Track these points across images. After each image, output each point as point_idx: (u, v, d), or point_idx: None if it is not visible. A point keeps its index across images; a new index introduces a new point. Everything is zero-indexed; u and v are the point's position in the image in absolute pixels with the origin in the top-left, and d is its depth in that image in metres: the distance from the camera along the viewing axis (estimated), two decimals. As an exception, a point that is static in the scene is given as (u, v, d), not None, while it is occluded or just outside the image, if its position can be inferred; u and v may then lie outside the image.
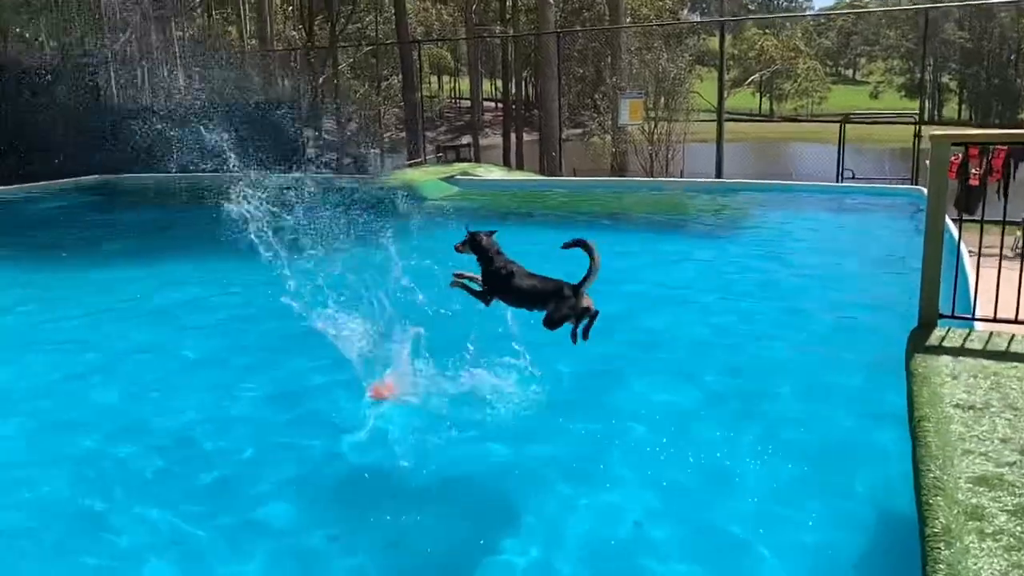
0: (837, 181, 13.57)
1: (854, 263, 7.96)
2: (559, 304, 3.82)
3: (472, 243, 3.98)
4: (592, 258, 3.79)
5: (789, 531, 3.37)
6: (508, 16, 41.41)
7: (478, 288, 4.05)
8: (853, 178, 13.75)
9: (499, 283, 3.94)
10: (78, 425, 4.50)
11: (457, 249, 4.04)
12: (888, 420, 4.18)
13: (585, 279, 3.81)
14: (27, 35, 34.88)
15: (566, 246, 3.83)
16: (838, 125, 14.87)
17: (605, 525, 3.47)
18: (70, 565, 3.27)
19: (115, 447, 4.20)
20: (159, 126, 18.09)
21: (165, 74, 30.69)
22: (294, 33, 41.61)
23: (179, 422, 4.48)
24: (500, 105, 52.11)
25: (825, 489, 3.69)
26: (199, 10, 42.46)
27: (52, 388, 5.09)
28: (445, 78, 73.84)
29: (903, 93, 64.84)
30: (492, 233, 4.07)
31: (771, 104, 67.19)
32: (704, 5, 65.90)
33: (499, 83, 50.67)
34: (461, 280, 4.09)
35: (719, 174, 14.87)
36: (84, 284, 7.80)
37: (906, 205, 11.06)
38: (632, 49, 22.27)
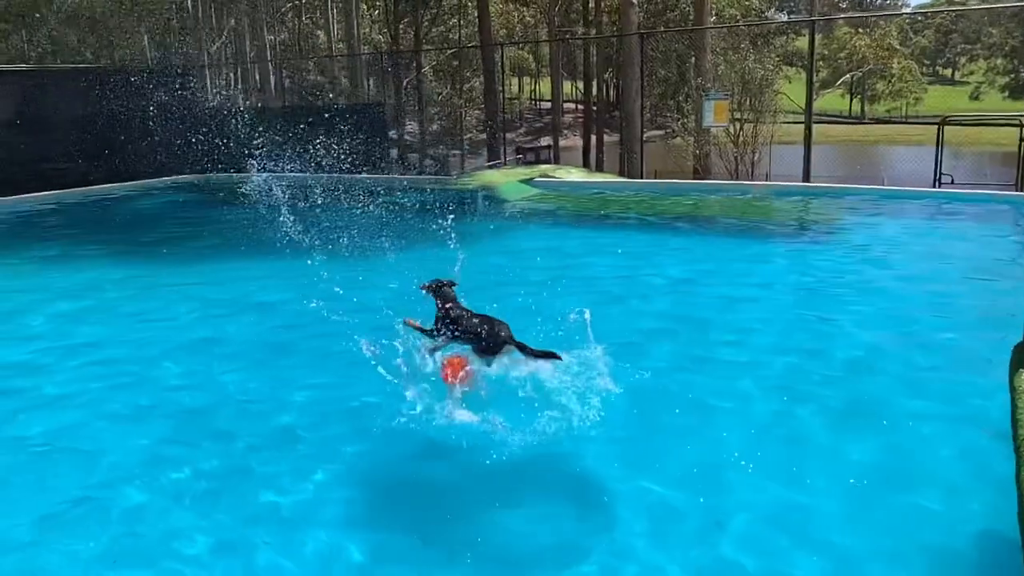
0: (934, 186, 13.00)
1: (953, 272, 7.60)
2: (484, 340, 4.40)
3: (435, 289, 4.68)
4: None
5: (886, 552, 3.25)
6: (591, 17, 41.29)
7: (428, 328, 4.63)
8: (952, 183, 13.15)
9: (450, 323, 4.51)
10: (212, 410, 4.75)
11: (421, 287, 4.71)
12: (991, 437, 4.00)
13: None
14: (130, 41, 36.80)
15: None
16: (934, 128, 14.26)
17: (687, 526, 3.43)
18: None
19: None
20: (251, 127, 18.83)
21: (257, 77, 31.89)
22: (379, 37, 42.57)
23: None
24: (580, 106, 52.00)
25: (923, 508, 3.55)
26: (290, 15, 43.93)
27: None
28: (525, 79, 74.21)
29: (1006, 94, 61.61)
30: (453, 284, 4.75)
31: (862, 105, 64.83)
32: (792, 4, 64.13)
33: (580, 84, 50.55)
34: (412, 324, 4.71)
35: (806, 177, 14.45)
36: (189, 278, 8.05)
37: (1009, 213, 10.52)
38: (717, 50, 21.88)
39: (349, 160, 16.75)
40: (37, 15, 35.08)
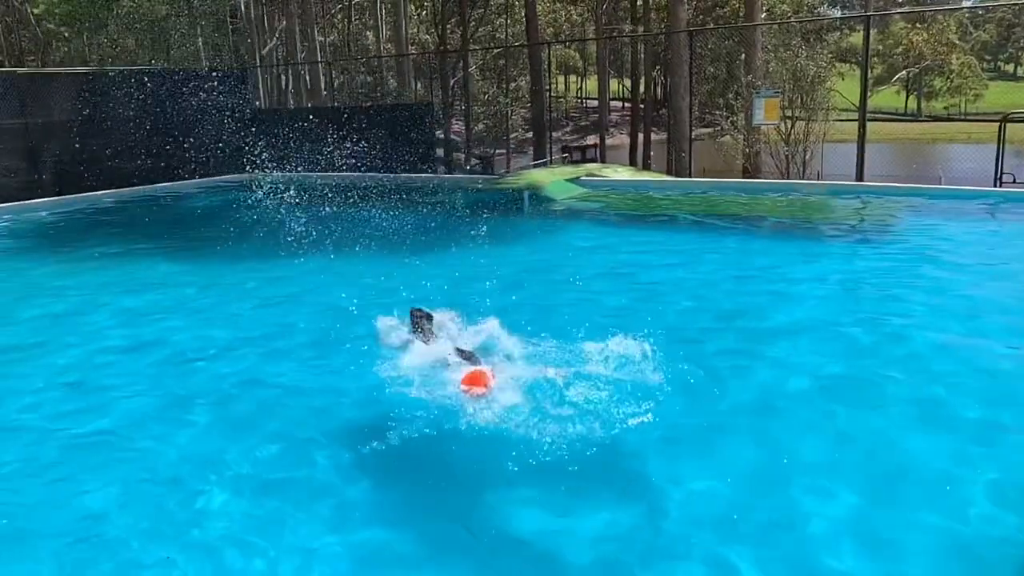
0: (995, 186, 12.58)
1: (1017, 276, 7.34)
2: None
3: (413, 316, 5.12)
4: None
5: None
6: (639, 15, 40.95)
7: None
8: (1014, 182, 12.71)
9: None
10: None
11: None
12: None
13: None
14: (185, 43, 37.73)
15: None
16: (995, 125, 13.79)
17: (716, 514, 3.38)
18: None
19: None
20: (301, 127, 19.16)
21: (308, 78, 32.42)
22: (427, 37, 42.87)
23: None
24: (626, 105, 51.62)
25: (999, 520, 3.45)
26: (339, 16, 44.54)
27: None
28: (572, 78, 73.97)
29: (1072, 89, 59.32)
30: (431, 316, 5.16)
31: (918, 102, 63.07)
32: (846, -1, 62.67)
33: (627, 82, 50.20)
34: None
35: (860, 176, 14.12)
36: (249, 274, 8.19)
37: (1076, 213, 10.16)
38: (768, 46, 21.51)
39: (396, 160, 16.94)
40: (97, 20, 36.20)
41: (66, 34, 38.06)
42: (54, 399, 5.06)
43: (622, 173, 16.02)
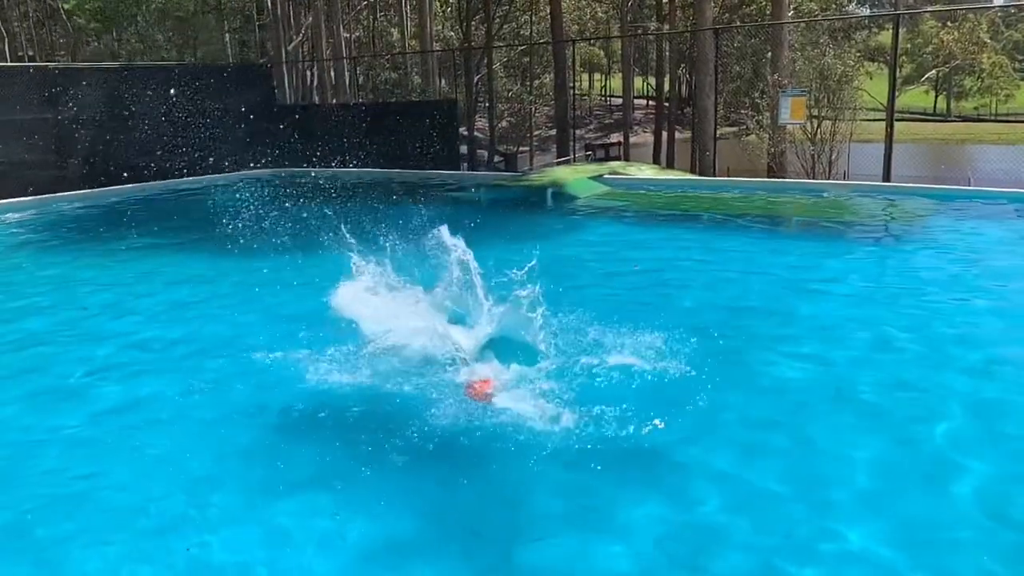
0: (1026, 187, 12.37)
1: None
2: None
3: None
4: None
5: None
6: (664, 13, 40.72)
7: None
8: (1046, 184, 12.51)
9: None
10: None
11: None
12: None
13: None
14: (212, 39, 38.11)
15: None
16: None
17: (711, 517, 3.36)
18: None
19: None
20: (326, 123, 19.28)
21: (332, 74, 32.61)
22: (451, 34, 42.95)
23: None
24: (651, 103, 51.39)
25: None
26: (365, 12, 44.74)
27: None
28: (596, 76, 73.77)
29: (1107, 90, 58.16)
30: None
31: (948, 102, 62.18)
32: (875, -3, 61.89)
33: (651, 80, 49.96)
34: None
35: (887, 177, 13.94)
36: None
37: (1111, 215, 9.98)
38: (795, 45, 21.31)
39: (420, 157, 17.00)
40: (127, 15, 36.68)
41: (96, 29, 38.59)
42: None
43: (646, 171, 15.95)
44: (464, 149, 20.54)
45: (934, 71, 50.11)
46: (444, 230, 5.18)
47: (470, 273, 5.10)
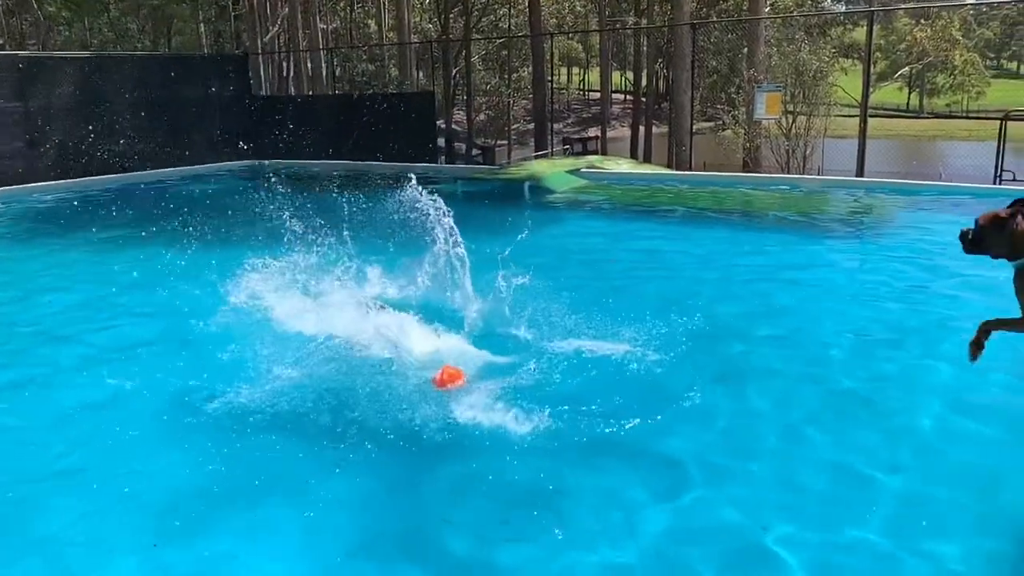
0: (994, 183, 12.60)
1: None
2: None
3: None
4: None
5: (924, 557, 3.19)
6: (642, 7, 40.82)
7: None
8: (1013, 180, 12.73)
9: None
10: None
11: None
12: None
13: None
14: (186, 29, 37.60)
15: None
16: (997, 123, 13.80)
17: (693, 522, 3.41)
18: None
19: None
20: (302, 115, 19.13)
21: (309, 65, 32.33)
22: (429, 26, 42.72)
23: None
24: (629, 97, 51.49)
25: (968, 510, 3.48)
26: (342, 3, 44.37)
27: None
28: (575, 69, 73.77)
29: (1075, 88, 59.27)
30: None
31: (920, 99, 62.97)
32: (851, -7, 62.44)
33: (629, 75, 50.04)
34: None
35: (860, 172, 14.13)
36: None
37: (1075, 211, 10.18)
38: (771, 41, 21.47)
39: (397, 150, 16.91)
40: (99, 4, 36.07)
41: (67, 18, 37.91)
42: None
43: (624, 166, 16.04)
44: (442, 142, 20.47)
45: (907, 68, 50.72)
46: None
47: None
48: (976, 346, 3.33)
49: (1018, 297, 3.21)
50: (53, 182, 14.70)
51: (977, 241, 3.29)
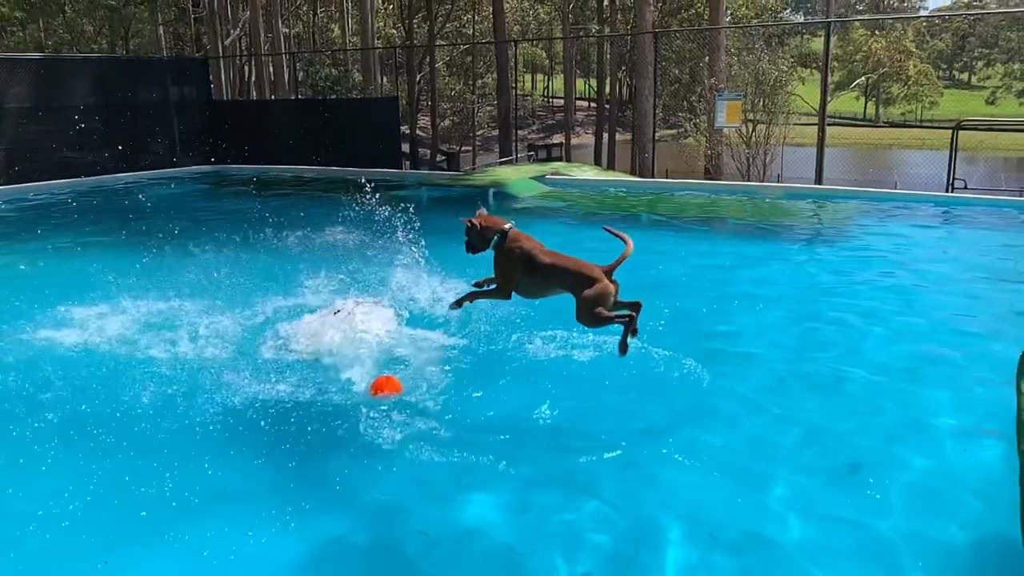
0: (947, 191, 12.93)
1: (964, 278, 7.56)
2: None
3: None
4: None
5: (875, 559, 3.24)
6: (606, 15, 41.22)
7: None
8: (965, 188, 13.08)
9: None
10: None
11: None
12: (994, 441, 4.00)
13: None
14: (145, 31, 36.98)
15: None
16: (949, 132, 14.18)
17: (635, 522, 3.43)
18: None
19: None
20: (262, 120, 18.93)
21: (271, 69, 32.00)
22: (393, 31, 42.61)
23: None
24: (592, 104, 51.90)
25: (920, 513, 3.54)
26: (304, 7, 44.05)
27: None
28: (539, 77, 74.17)
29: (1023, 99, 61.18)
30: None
31: (876, 108, 64.50)
32: (808, 4, 63.82)
33: (593, 82, 50.44)
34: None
35: (819, 180, 14.40)
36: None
37: (1022, 218, 10.48)
38: (731, 50, 21.82)
39: (360, 155, 16.80)
40: (54, 4, 35.31)
41: (20, 19, 37.03)
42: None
43: (588, 172, 16.13)
44: (406, 148, 20.40)
45: (863, 78, 51.92)
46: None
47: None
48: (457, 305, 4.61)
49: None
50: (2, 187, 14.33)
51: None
